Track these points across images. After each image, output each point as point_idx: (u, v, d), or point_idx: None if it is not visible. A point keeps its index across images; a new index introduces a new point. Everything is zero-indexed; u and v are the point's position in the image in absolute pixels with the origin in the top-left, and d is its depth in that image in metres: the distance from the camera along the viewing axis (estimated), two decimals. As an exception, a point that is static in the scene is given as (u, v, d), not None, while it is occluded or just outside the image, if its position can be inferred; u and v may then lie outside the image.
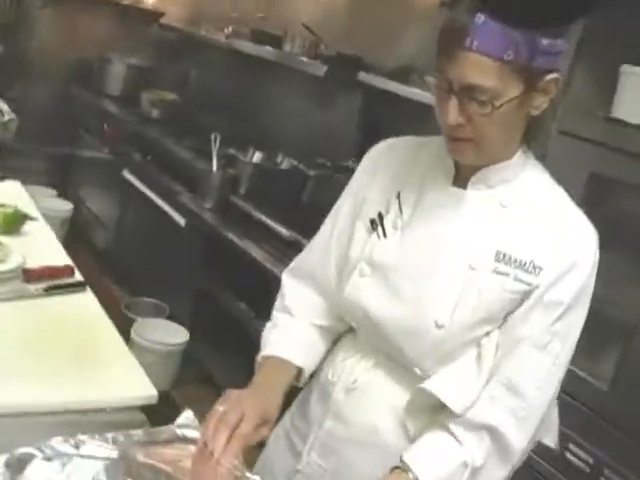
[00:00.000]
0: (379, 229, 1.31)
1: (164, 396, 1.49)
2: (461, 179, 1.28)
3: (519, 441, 1.23)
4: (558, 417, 1.35)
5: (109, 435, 1.16)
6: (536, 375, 1.22)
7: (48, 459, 1.09)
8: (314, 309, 1.43)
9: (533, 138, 1.26)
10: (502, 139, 1.20)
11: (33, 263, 1.83)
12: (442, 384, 1.24)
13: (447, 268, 1.24)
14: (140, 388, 1.46)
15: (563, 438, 1.99)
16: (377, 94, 3.03)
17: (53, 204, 4.27)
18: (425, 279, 1.25)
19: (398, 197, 1.32)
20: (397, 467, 1.23)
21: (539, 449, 1.36)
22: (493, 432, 1.22)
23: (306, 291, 1.44)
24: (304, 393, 1.50)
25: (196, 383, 3.09)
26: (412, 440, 1.29)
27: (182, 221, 3.29)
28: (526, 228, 1.24)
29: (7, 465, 1.05)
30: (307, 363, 1.38)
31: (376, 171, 1.37)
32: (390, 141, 1.41)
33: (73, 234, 4.35)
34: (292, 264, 1.49)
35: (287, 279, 1.48)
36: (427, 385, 1.25)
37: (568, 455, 2.02)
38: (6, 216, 2.01)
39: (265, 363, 1.37)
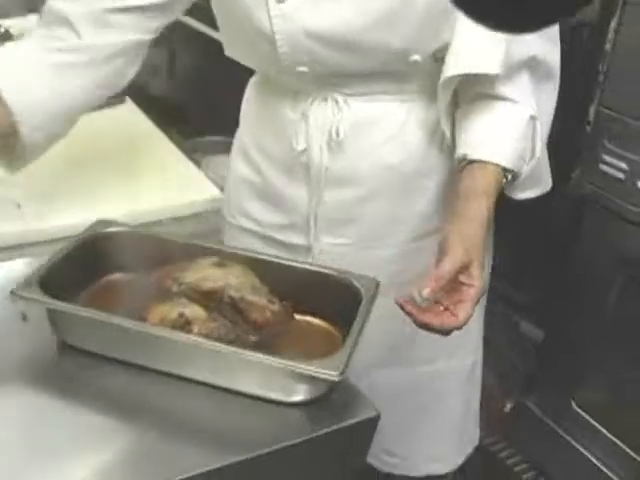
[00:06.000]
0: None
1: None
2: None
3: (554, 56, 1.08)
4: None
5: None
6: None
7: None
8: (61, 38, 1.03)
9: None
10: None
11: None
12: (464, 57, 1.00)
13: None
14: (200, 191, 1.21)
15: None
16: None
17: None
18: None
19: None
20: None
21: None
22: (533, 64, 1.05)
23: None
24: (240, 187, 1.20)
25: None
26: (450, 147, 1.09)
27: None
28: None
29: None
30: (17, 98, 1.00)
31: None
32: None
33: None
34: None
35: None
36: (451, 71, 1.01)
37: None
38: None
39: None
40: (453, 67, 1.00)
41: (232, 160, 1.23)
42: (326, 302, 0.93)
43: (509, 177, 1.02)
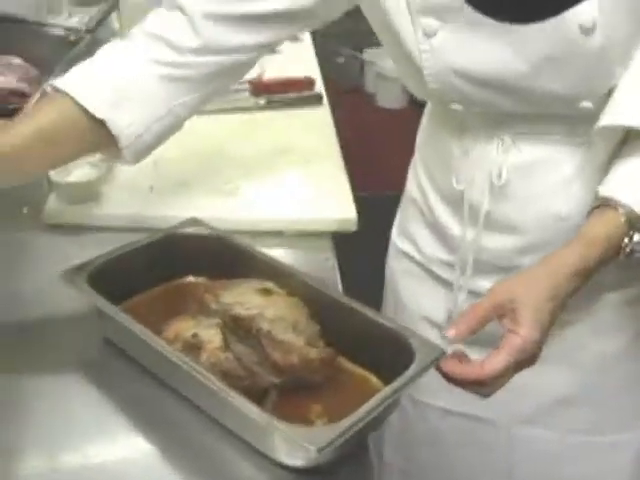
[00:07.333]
0: None
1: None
2: None
3: None
4: None
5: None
6: None
7: None
8: (169, 40, 0.95)
9: None
10: None
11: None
12: (625, 106, 0.84)
13: None
14: (335, 210, 1.14)
15: None
16: None
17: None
18: None
19: None
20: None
21: None
22: None
23: (172, 16, 0.95)
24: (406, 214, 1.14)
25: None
26: None
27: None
28: None
29: None
30: (112, 115, 0.92)
31: None
32: None
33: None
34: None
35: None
36: (606, 120, 0.84)
37: None
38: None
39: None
40: (609, 115, 0.85)
41: (408, 177, 1.17)
42: (384, 358, 0.79)
43: (635, 236, 0.82)
